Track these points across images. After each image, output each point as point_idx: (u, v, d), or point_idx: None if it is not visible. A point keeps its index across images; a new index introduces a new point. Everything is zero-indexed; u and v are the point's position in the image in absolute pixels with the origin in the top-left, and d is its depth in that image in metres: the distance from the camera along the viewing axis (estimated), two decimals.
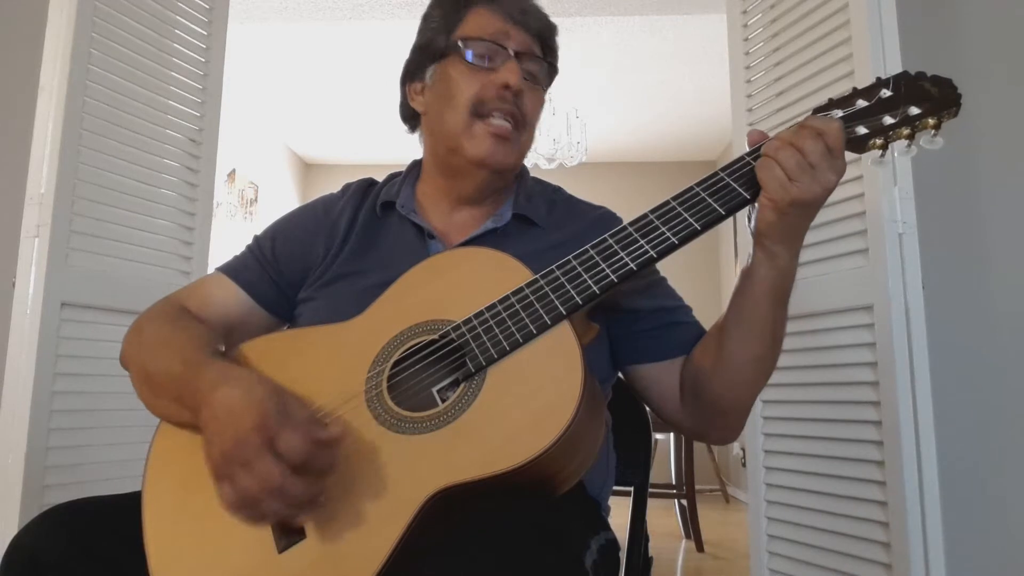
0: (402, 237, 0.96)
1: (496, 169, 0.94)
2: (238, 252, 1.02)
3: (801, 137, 0.74)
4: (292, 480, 0.65)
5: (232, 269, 0.99)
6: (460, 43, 0.93)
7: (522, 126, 0.94)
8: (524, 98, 0.93)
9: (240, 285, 0.97)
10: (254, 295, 0.97)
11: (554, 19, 1.02)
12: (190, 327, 0.89)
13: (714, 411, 0.87)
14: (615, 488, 0.98)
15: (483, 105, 0.91)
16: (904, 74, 0.79)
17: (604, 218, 0.98)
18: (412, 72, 1.00)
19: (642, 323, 0.92)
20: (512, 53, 0.92)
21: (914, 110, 0.76)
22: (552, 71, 0.99)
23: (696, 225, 0.76)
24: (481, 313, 0.76)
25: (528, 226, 0.96)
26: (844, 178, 1.53)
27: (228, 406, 0.69)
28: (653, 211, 0.79)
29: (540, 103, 0.97)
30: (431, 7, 0.99)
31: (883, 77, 0.80)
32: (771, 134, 0.78)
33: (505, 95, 0.91)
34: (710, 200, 0.77)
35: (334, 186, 1.06)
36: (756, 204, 0.76)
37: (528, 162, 4.48)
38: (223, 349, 0.85)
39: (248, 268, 0.98)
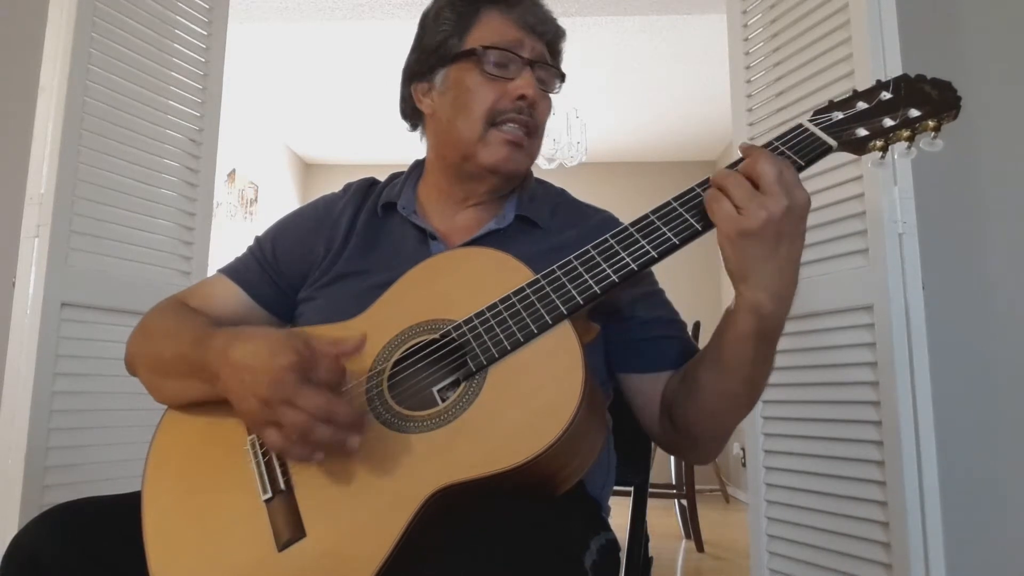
0: (404, 238, 0.96)
1: (509, 175, 0.95)
2: (240, 253, 1.02)
3: (742, 168, 0.72)
4: (338, 402, 0.67)
5: (233, 270, 0.99)
6: (478, 50, 0.92)
7: (534, 133, 0.95)
8: (537, 107, 0.93)
9: (240, 285, 0.97)
10: (254, 295, 0.97)
11: None
12: (193, 316, 0.91)
13: (685, 435, 0.87)
14: (615, 488, 0.98)
15: (499, 115, 0.92)
16: (904, 76, 0.79)
17: (607, 222, 0.98)
18: (418, 72, 0.99)
19: (634, 332, 0.91)
20: (527, 62, 0.93)
21: (914, 112, 0.77)
22: (561, 76, 0.99)
23: (697, 226, 0.76)
24: (482, 312, 0.76)
25: (530, 227, 0.96)
26: (844, 178, 1.54)
27: (251, 357, 0.70)
28: (654, 212, 0.79)
29: (550, 109, 0.98)
30: (440, 7, 0.97)
31: (883, 80, 0.80)
32: (771, 134, 0.78)
33: (521, 106, 0.92)
34: None
35: (334, 186, 1.06)
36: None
37: None
38: None
39: (248, 268, 0.99)
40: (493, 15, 0.94)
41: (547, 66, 0.96)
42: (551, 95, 0.98)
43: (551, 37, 0.97)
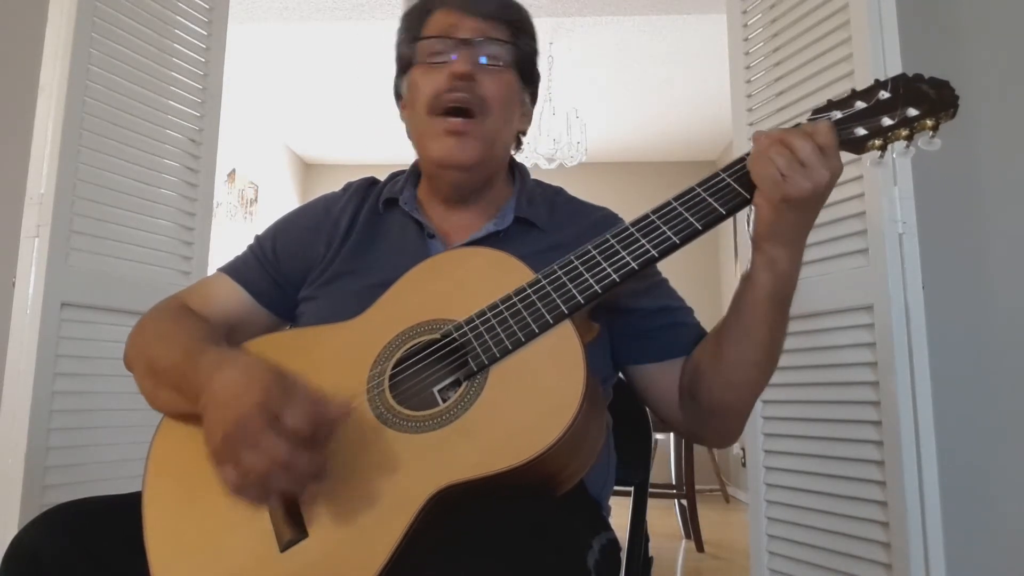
0: (403, 236, 0.96)
1: (457, 167, 0.93)
2: (240, 252, 1.02)
3: (791, 135, 0.75)
4: (298, 454, 0.64)
5: (233, 268, 0.99)
6: (416, 46, 0.94)
7: (482, 112, 0.91)
8: (480, 82, 0.91)
9: (240, 284, 0.97)
10: (254, 294, 0.97)
11: (554, 19, 1.01)
12: (191, 321, 0.90)
13: (711, 414, 0.88)
14: (615, 488, 0.98)
15: (438, 100, 0.90)
16: (902, 76, 0.80)
17: (606, 219, 0.98)
18: (396, 90, 1.02)
19: (644, 323, 0.92)
20: (462, 41, 0.92)
21: (912, 111, 0.77)
22: (525, 53, 0.96)
23: (697, 225, 0.76)
24: (483, 312, 0.76)
25: (529, 228, 0.96)
26: (844, 178, 1.54)
27: (228, 388, 0.69)
28: (654, 211, 0.79)
29: (505, 85, 0.93)
30: (400, 22, 1.00)
31: (881, 79, 0.80)
32: None
33: (456, 84, 0.90)
34: (711, 200, 0.78)
35: (334, 186, 1.06)
36: (753, 205, 0.77)
37: (528, 162, 4.46)
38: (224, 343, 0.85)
39: (249, 267, 0.99)
40: (437, 12, 0.95)
41: (497, 41, 0.93)
42: (510, 71, 0.94)
43: (494, 11, 0.94)
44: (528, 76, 0.99)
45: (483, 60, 0.92)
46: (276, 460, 0.64)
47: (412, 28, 0.96)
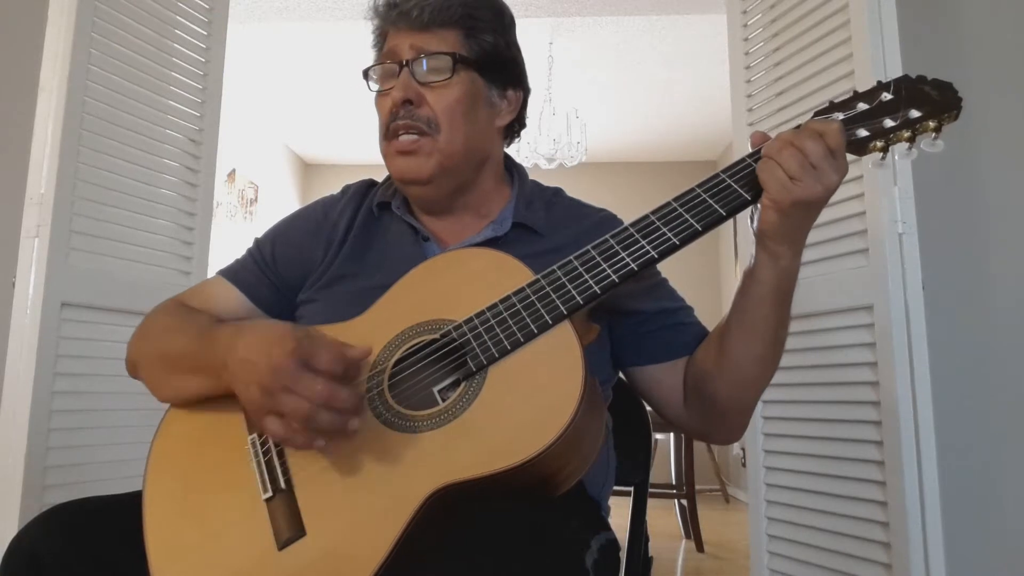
0: (399, 238, 0.96)
1: (415, 183, 0.93)
2: (239, 255, 1.03)
3: (801, 138, 0.74)
4: (339, 388, 0.68)
5: (231, 272, 1.00)
6: (364, 77, 0.95)
7: (432, 130, 0.90)
8: (424, 102, 0.90)
9: (239, 287, 0.97)
10: (252, 297, 0.97)
11: (554, 19, 1.01)
12: (195, 314, 0.91)
13: (717, 411, 0.88)
14: (615, 488, 0.98)
15: (388, 127, 0.92)
16: (905, 77, 0.80)
17: (606, 220, 0.98)
18: None
19: (645, 325, 0.92)
20: (402, 64, 0.91)
21: (914, 113, 0.77)
22: (487, 48, 0.92)
23: (697, 226, 0.76)
24: (482, 312, 0.76)
25: (528, 233, 0.95)
26: (844, 178, 1.54)
27: (255, 346, 0.71)
28: (654, 212, 0.79)
29: (451, 98, 0.90)
30: None
31: (884, 80, 0.80)
32: (771, 135, 0.79)
33: (398, 112, 0.90)
34: (711, 201, 0.78)
35: (334, 186, 1.06)
36: (758, 205, 0.77)
37: (528, 162, 4.45)
38: None
39: (247, 270, 0.99)
40: (389, 33, 0.95)
41: (431, 55, 0.90)
42: (445, 82, 0.90)
43: (431, 19, 0.90)
44: (496, 70, 0.94)
45: (426, 75, 0.90)
46: (317, 399, 0.66)
47: (375, 54, 0.97)
